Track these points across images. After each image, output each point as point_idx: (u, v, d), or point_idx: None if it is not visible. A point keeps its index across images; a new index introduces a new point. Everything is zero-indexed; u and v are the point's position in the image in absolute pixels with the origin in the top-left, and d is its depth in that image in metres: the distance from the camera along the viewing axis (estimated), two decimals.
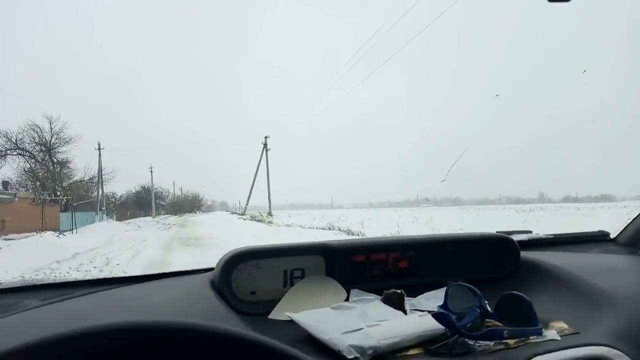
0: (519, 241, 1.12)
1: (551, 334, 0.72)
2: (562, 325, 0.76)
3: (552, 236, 1.38)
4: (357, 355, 0.64)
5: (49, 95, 47.81)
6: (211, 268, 0.97)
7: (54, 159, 25.86)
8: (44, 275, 6.65)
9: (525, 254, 1.07)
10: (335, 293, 0.94)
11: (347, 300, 0.92)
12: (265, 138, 32.52)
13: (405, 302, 0.87)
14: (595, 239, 1.40)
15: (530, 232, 1.38)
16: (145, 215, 36.17)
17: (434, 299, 0.91)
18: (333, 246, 0.98)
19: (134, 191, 40.64)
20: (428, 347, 0.69)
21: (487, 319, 0.76)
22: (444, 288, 0.83)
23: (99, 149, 28.85)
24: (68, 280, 1.04)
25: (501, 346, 0.69)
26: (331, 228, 15.14)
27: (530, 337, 0.71)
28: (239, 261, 0.91)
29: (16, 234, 13.25)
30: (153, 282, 0.97)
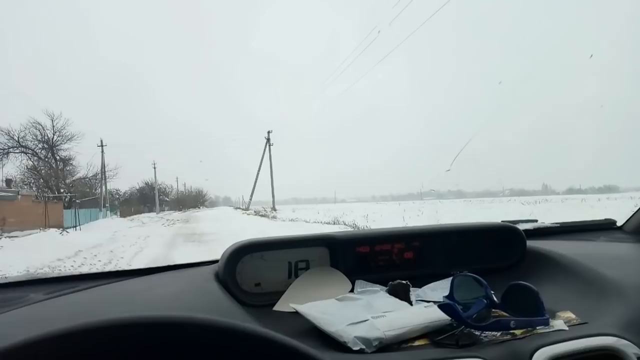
0: (525, 230, 1.11)
1: (558, 324, 0.71)
2: (570, 315, 0.75)
3: (558, 225, 1.36)
4: (363, 346, 0.64)
5: (51, 93, 47.96)
6: (216, 260, 0.97)
7: (57, 156, 25.89)
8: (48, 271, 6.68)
9: (531, 243, 1.06)
10: (340, 284, 0.94)
11: (352, 291, 0.92)
12: (268, 133, 32.56)
13: (410, 293, 0.87)
14: (601, 227, 1.38)
15: (535, 221, 1.37)
16: (149, 211, 36.25)
17: (440, 290, 0.90)
18: (337, 237, 0.98)
19: (138, 187, 40.71)
20: (434, 338, 0.68)
21: (494, 310, 0.75)
22: (450, 278, 0.82)
23: (102, 146, 28.88)
24: (73, 273, 1.05)
25: (508, 337, 0.68)
26: (336, 222, 14.90)
27: (537, 328, 0.70)
28: (244, 253, 0.90)
29: (19, 232, 13.27)
30: (158, 275, 0.97)
